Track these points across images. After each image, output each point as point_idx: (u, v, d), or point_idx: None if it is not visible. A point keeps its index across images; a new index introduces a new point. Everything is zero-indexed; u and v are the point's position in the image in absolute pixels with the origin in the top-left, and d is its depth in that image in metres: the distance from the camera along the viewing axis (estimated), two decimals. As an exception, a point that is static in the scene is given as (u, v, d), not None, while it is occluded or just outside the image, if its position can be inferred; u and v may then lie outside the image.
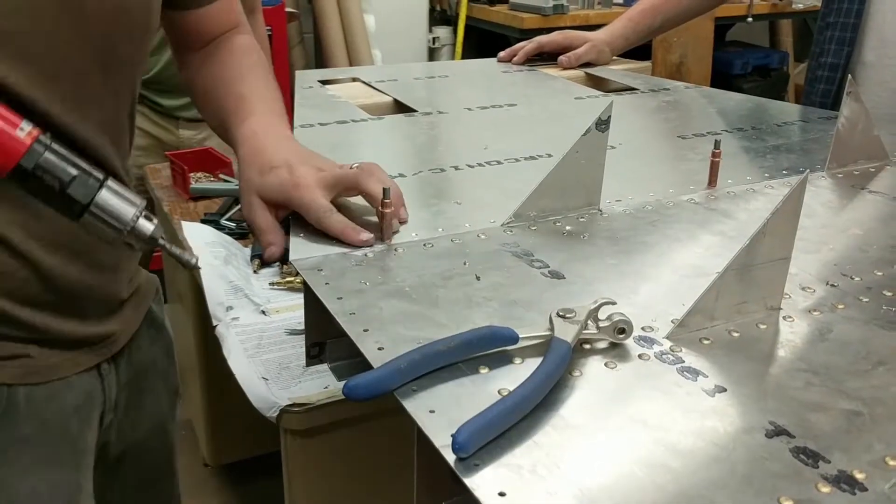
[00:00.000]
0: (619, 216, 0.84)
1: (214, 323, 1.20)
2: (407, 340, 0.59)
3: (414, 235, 0.77)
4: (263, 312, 1.22)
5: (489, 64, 1.63)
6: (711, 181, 0.93)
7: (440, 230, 0.79)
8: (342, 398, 0.93)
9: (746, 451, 0.49)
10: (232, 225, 1.51)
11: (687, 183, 0.93)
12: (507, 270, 0.71)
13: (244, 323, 1.19)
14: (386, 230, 0.75)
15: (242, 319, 1.20)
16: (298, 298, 1.23)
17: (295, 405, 1.03)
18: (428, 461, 0.53)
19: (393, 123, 1.18)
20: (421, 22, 3.76)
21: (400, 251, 0.74)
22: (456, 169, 0.96)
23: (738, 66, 3.97)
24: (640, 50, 1.67)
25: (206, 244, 1.39)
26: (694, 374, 0.57)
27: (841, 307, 0.66)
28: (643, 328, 0.62)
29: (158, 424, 0.95)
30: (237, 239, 1.47)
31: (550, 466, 0.47)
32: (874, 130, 1.00)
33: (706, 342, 0.61)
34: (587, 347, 0.59)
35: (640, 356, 0.59)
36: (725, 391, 0.55)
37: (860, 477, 0.46)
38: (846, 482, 0.46)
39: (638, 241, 0.78)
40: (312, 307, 0.70)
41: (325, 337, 0.75)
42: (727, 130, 1.16)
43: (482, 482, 0.46)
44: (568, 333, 0.57)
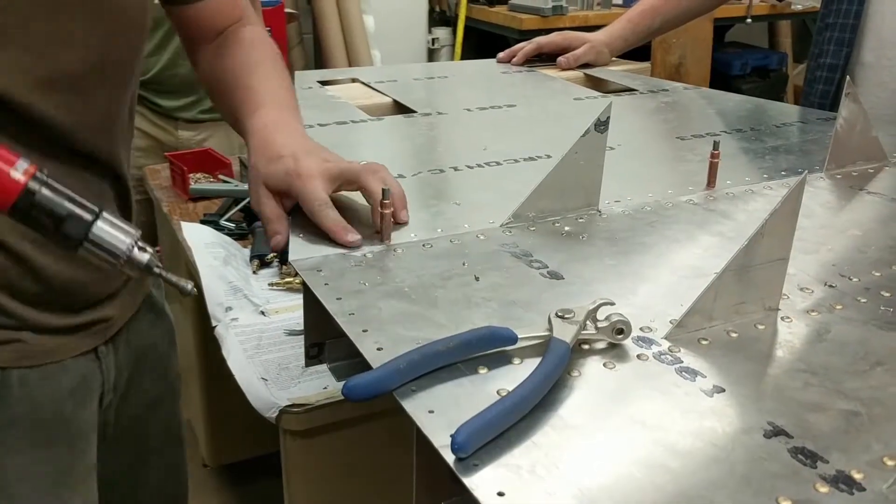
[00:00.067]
0: (617, 217, 0.84)
1: (214, 323, 1.20)
2: (406, 341, 0.59)
3: (413, 236, 0.77)
4: (263, 313, 1.22)
5: (488, 65, 1.63)
6: (710, 182, 0.93)
7: (439, 231, 0.79)
8: (341, 399, 0.93)
9: (745, 451, 0.49)
10: (231, 225, 1.51)
11: (686, 184, 0.93)
12: (506, 271, 0.71)
13: (243, 323, 1.19)
14: (385, 231, 0.76)
15: (242, 320, 1.20)
16: (298, 299, 1.23)
17: (294, 406, 1.03)
18: (427, 461, 0.53)
19: (392, 124, 1.18)
20: (420, 23, 3.76)
21: (399, 252, 0.74)
22: (455, 170, 0.96)
23: (737, 66, 3.98)
24: (639, 51, 1.67)
25: (205, 245, 1.39)
26: (692, 374, 0.57)
27: (839, 308, 0.66)
28: (642, 328, 0.62)
29: (158, 405, 0.97)
30: (236, 239, 1.47)
31: (549, 466, 0.47)
32: (872, 131, 1.00)
33: (705, 342, 0.61)
34: (586, 348, 0.60)
35: (638, 356, 0.59)
36: (724, 391, 0.55)
37: (858, 477, 0.47)
38: (844, 482, 0.46)
39: (637, 241, 0.78)
40: (312, 308, 0.70)
41: (324, 337, 0.75)
42: (726, 131, 1.16)
43: (481, 482, 0.46)
44: (567, 334, 0.57)
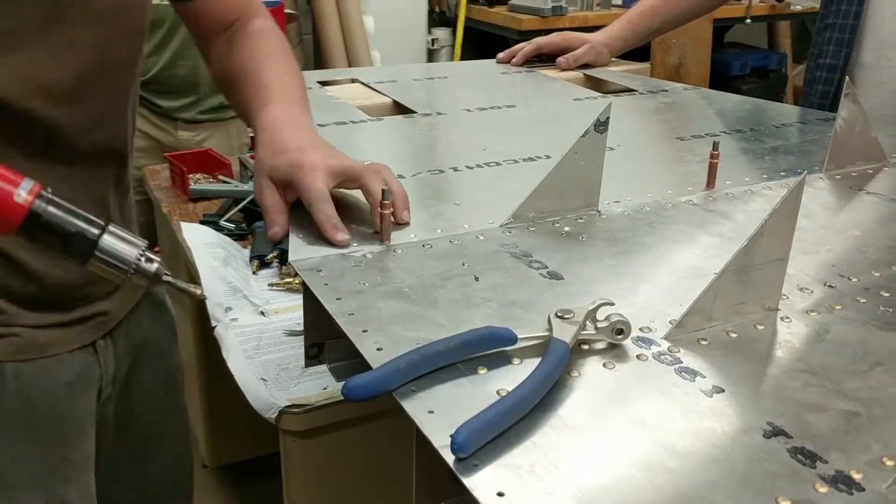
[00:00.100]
0: (617, 217, 0.84)
1: (213, 324, 1.20)
2: (406, 341, 0.59)
3: (413, 236, 0.77)
4: (262, 313, 1.22)
5: (488, 65, 1.63)
6: (710, 182, 0.93)
7: (439, 231, 0.79)
8: (341, 399, 0.92)
9: (744, 451, 0.49)
10: (231, 226, 1.51)
11: (685, 184, 0.93)
12: (505, 271, 0.71)
13: (243, 324, 1.19)
14: (385, 231, 0.76)
15: (241, 320, 1.20)
16: (297, 299, 1.23)
17: (294, 406, 1.03)
18: (427, 461, 0.53)
19: (392, 125, 1.18)
20: (420, 23, 3.76)
21: (399, 252, 0.74)
22: (455, 170, 0.96)
23: (736, 67, 3.98)
24: (638, 51, 1.67)
25: (205, 245, 1.39)
26: (692, 374, 0.57)
27: (839, 308, 0.66)
28: (641, 329, 0.62)
29: (160, 397, 0.98)
30: (236, 240, 1.47)
31: (549, 467, 0.47)
32: (872, 132, 1.00)
33: (704, 343, 0.61)
34: (585, 348, 0.60)
35: (638, 357, 0.59)
36: (723, 392, 0.55)
37: (857, 477, 0.47)
38: (844, 482, 0.46)
39: (636, 242, 0.78)
40: (311, 308, 0.70)
41: (324, 337, 0.75)
42: (725, 132, 1.16)
43: (481, 482, 0.46)
44: (566, 334, 0.57)
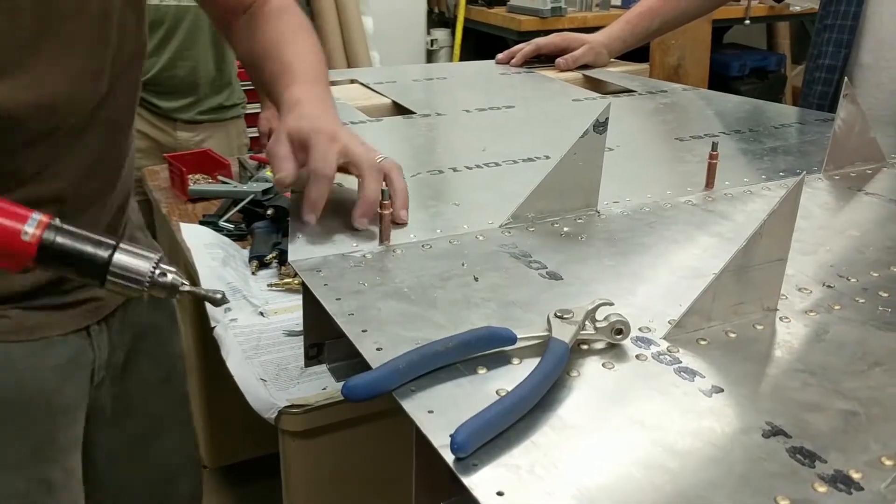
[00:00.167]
0: (616, 218, 0.84)
1: (213, 324, 1.20)
2: (405, 341, 0.59)
3: (412, 237, 0.77)
4: (262, 314, 1.22)
5: (487, 66, 1.63)
6: (709, 183, 0.93)
7: (438, 231, 0.79)
8: (340, 399, 0.92)
9: (743, 451, 0.49)
10: (230, 226, 1.51)
11: (684, 185, 0.93)
12: (505, 271, 0.71)
13: (242, 324, 1.19)
14: (384, 231, 0.76)
15: (241, 321, 1.20)
16: (296, 300, 1.23)
17: (293, 406, 1.03)
18: (426, 461, 0.53)
19: (391, 125, 1.18)
20: (419, 24, 3.77)
21: (398, 252, 0.75)
22: (454, 170, 0.96)
23: (735, 68, 3.99)
24: (637, 52, 1.67)
25: (204, 245, 1.39)
26: (691, 374, 0.57)
27: (837, 308, 0.67)
28: (640, 329, 0.62)
29: (160, 384, 0.99)
30: (235, 240, 1.47)
31: (548, 466, 0.47)
32: (871, 132, 1.00)
33: (703, 343, 0.61)
34: (585, 348, 0.60)
35: (637, 357, 0.59)
36: (722, 391, 0.55)
37: (856, 477, 0.47)
38: (842, 482, 0.46)
39: (635, 242, 0.78)
40: (311, 308, 0.70)
41: (323, 338, 0.75)
42: (724, 132, 1.16)
43: (480, 482, 0.46)
44: (566, 334, 0.57)
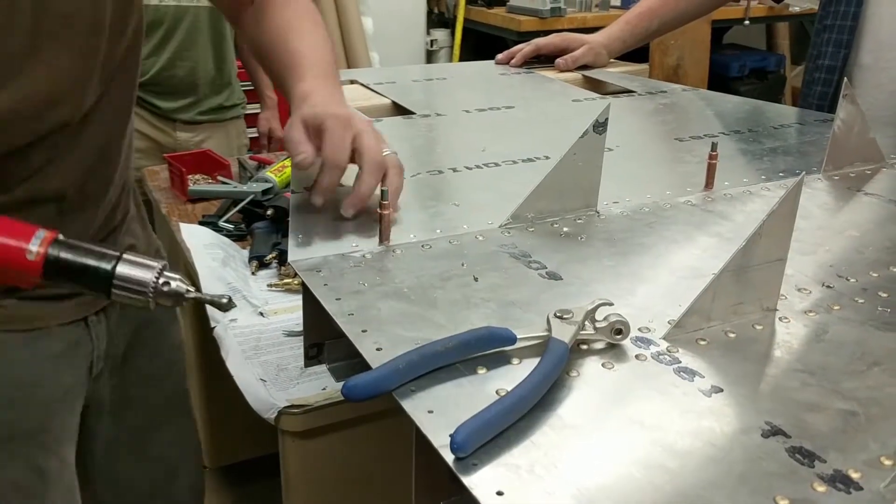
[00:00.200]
0: (616, 218, 0.84)
1: (212, 325, 1.20)
2: (405, 341, 0.59)
3: (412, 237, 0.77)
4: (261, 314, 1.22)
5: (487, 66, 1.63)
6: (708, 183, 0.93)
7: (438, 231, 0.79)
8: (340, 400, 0.92)
9: (743, 450, 0.49)
10: (230, 227, 1.51)
11: (684, 185, 0.94)
12: (504, 271, 0.71)
13: (242, 325, 1.19)
14: (384, 231, 0.76)
15: (240, 321, 1.20)
16: (296, 300, 1.23)
17: (293, 407, 1.03)
18: (426, 461, 0.53)
19: (391, 126, 1.18)
20: (419, 24, 3.77)
21: (398, 252, 0.75)
22: (454, 171, 0.96)
23: (734, 68, 3.99)
24: (637, 52, 1.67)
25: (204, 246, 1.39)
26: (690, 374, 0.57)
27: (837, 308, 0.67)
28: (640, 329, 0.62)
29: (160, 377, 1.00)
30: (235, 241, 1.47)
31: (548, 466, 0.47)
32: (870, 133, 1.01)
33: (703, 343, 0.61)
34: (584, 348, 0.60)
35: (636, 357, 0.59)
36: (722, 391, 0.55)
37: (855, 476, 0.47)
38: (842, 481, 0.46)
39: (635, 242, 0.78)
40: (311, 308, 0.70)
41: (323, 338, 0.75)
42: (724, 133, 1.16)
43: (480, 481, 0.46)
44: (565, 334, 0.57)
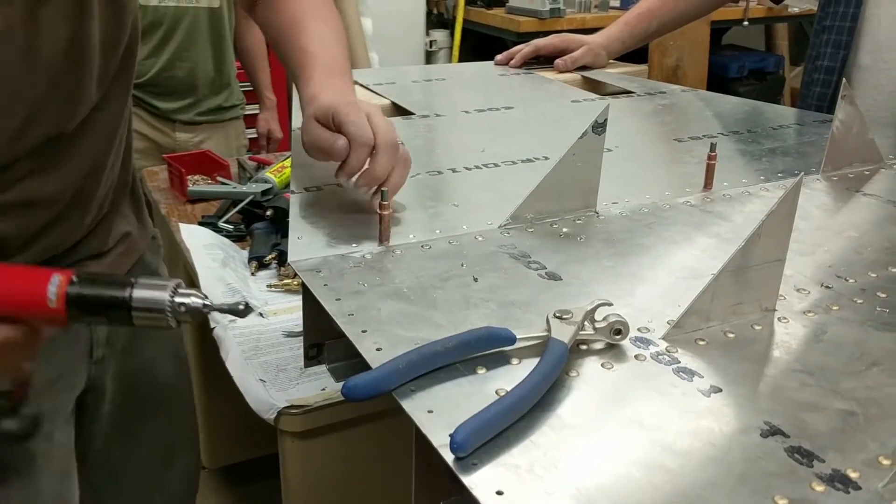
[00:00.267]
0: (615, 218, 0.84)
1: (212, 325, 1.20)
2: (405, 341, 0.59)
3: (411, 237, 0.78)
4: (261, 315, 1.22)
5: (486, 67, 1.64)
6: (707, 184, 0.93)
7: (438, 232, 0.79)
8: (340, 400, 0.92)
9: (742, 450, 0.49)
10: (230, 227, 1.52)
11: (683, 185, 0.94)
12: (504, 272, 0.71)
13: (242, 325, 1.19)
14: (384, 232, 0.76)
15: (240, 322, 1.20)
16: (296, 301, 1.23)
17: (292, 407, 1.03)
18: (426, 461, 0.54)
19: (390, 126, 1.18)
20: (418, 25, 3.77)
21: (398, 253, 0.75)
22: (453, 171, 0.97)
23: (734, 69, 3.99)
24: (636, 53, 1.67)
25: (203, 246, 1.39)
26: (690, 374, 0.57)
27: (835, 308, 0.67)
28: (639, 329, 0.62)
29: (158, 364, 1.00)
30: (235, 241, 1.47)
31: (548, 466, 0.47)
32: (869, 134, 1.01)
33: (702, 343, 0.61)
34: (584, 348, 0.60)
35: (636, 357, 0.59)
36: (721, 391, 0.55)
37: (854, 476, 0.47)
38: (840, 481, 0.46)
39: (634, 243, 0.79)
40: (311, 308, 0.71)
41: (323, 338, 0.75)
42: (723, 133, 1.17)
43: (480, 481, 0.46)
44: (565, 334, 0.57)
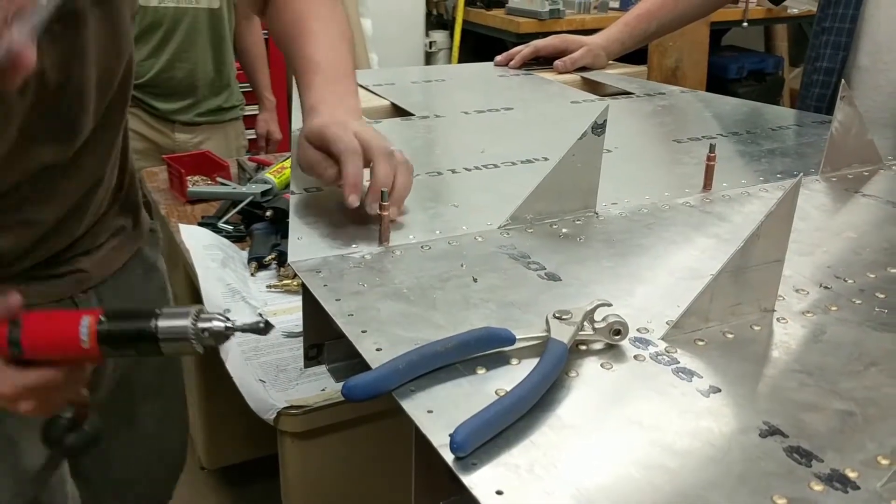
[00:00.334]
0: (614, 219, 0.84)
1: (212, 325, 1.20)
2: (405, 341, 0.59)
3: (411, 238, 0.78)
4: (260, 315, 1.22)
5: (486, 68, 1.64)
6: (706, 184, 0.93)
7: (437, 233, 0.79)
8: (339, 400, 0.92)
9: (741, 450, 0.49)
10: (229, 228, 1.52)
11: (682, 186, 0.94)
12: (503, 272, 0.71)
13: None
14: (384, 232, 0.76)
15: (240, 322, 1.20)
16: (295, 301, 1.23)
17: (292, 407, 1.03)
18: (426, 461, 0.54)
19: (390, 127, 1.18)
20: (418, 26, 3.77)
21: (398, 253, 0.75)
22: (453, 172, 0.97)
23: (733, 70, 3.99)
24: (635, 54, 1.67)
25: (203, 247, 1.39)
26: (689, 374, 0.57)
27: (834, 309, 0.67)
28: (638, 329, 0.62)
29: (150, 359, 1.01)
30: (234, 242, 1.47)
31: (547, 466, 0.48)
32: (868, 134, 1.01)
33: (701, 343, 0.61)
34: (583, 348, 0.60)
35: (635, 357, 0.59)
36: (720, 392, 0.55)
37: (852, 476, 0.47)
38: (839, 481, 0.47)
39: (634, 243, 0.79)
40: (311, 309, 0.71)
41: (323, 338, 0.75)
42: (722, 134, 1.17)
43: (480, 481, 0.46)
44: (564, 335, 0.58)
